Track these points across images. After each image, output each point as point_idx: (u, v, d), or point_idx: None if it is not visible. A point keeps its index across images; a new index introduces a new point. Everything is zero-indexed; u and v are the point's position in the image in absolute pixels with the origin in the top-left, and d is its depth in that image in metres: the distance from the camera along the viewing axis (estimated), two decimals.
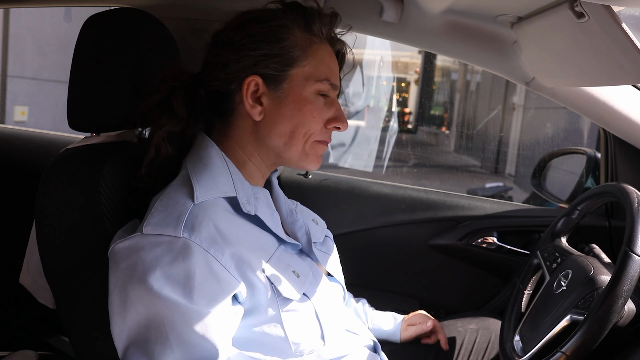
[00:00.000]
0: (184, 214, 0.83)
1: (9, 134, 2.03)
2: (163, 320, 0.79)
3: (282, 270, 0.91)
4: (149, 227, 0.83)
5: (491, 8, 1.17)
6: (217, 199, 0.89)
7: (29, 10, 5.49)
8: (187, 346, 0.79)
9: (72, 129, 1.02)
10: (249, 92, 0.94)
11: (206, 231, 0.83)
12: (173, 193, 0.88)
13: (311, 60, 0.96)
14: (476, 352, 1.31)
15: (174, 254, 0.80)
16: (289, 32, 0.95)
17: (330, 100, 0.99)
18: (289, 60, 0.94)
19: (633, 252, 0.95)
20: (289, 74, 0.95)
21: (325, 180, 1.76)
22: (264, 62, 0.93)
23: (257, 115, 0.95)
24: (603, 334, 0.94)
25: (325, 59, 0.98)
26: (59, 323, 0.97)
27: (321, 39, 0.98)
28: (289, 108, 0.94)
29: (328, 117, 0.98)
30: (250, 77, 0.94)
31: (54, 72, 5.72)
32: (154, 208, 0.86)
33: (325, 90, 0.97)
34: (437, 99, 8.75)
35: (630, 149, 1.47)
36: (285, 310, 0.89)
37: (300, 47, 0.95)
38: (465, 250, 1.62)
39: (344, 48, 1.06)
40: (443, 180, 6.06)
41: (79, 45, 1.00)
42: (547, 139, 5.88)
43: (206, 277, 0.81)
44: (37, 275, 1.05)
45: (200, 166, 0.92)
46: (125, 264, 0.82)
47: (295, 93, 0.95)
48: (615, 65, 0.92)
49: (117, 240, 0.86)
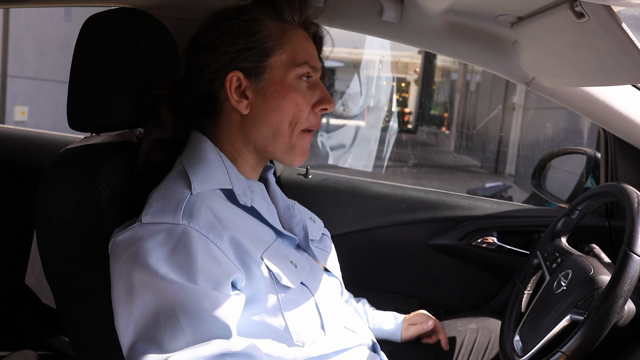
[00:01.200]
0: (182, 202, 0.85)
1: (9, 134, 2.03)
2: (172, 304, 0.79)
3: (280, 260, 0.92)
4: (147, 216, 0.84)
5: (491, 8, 1.17)
6: (214, 190, 0.91)
7: (29, 10, 5.49)
8: (199, 326, 0.79)
9: (72, 129, 1.02)
10: (232, 88, 0.97)
11: (204, 218, 0.85)
12: (170, 184, 0.90)
13: (287, 47, 0.98)
14: (476, 352, 1.31)
15: (175, 240, 0.82)
16: (260, 23, 0.97)
17: (314, 83, 1.01)
18: (265, 51, 0.96)
19: (633, 252, 0.95)
20: (268, 63, 0.97)
21: (325, 180, 1.76)
22: (241, 57, 0.96)
23: (244, 108, 0.97)
24: (603, 334, 0.94)
25: (301, 43, 1.00)
26: (59, 323, 0.97)
27: (294, 25, 1.01)
28: (273, 97, 0.97)
29: (314, 101, 1.00)
30: (231, 73, 0.96)
31: (54, 72, 5.72)
32: (152, 198, 0.88)
33: (306, 73, 0.99)
34: (437, 99, 8.75)
35: (630, 149, 1.47)
36: (285, 299, 0.90)
37: (274, 36, 0.97)
38: (465, 250, 1.62)
39: (319, 30, 1.08)
40: (443, 180, 6.06)
41: (79, 45, 1.00)
42: (547, 139, 5.87)
43: (207, 261, 0.82)
44: (40, 275, 1.05)
45: (196, 160, 0.94)
46: (127, 254, 0.83)
47: (278, 81, 0.97)
48: (615, 65, 0.92)
49: (116, 233, 0.87)
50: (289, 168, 1.81)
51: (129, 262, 0.82)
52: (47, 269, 0.96)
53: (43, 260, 0.96)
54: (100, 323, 0.91)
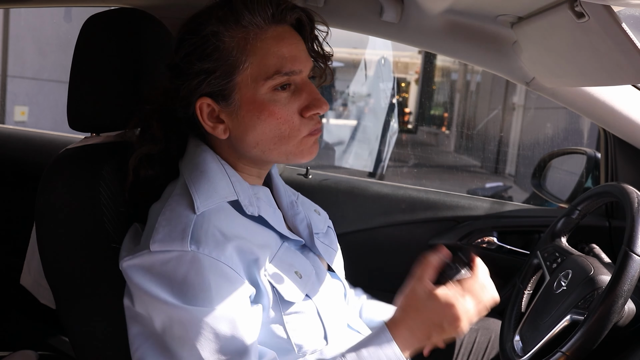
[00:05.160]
0: (188, 227, 0.82)
1: (9, 134, 2.02)
2: (186, 326, 0.78)
3: (285, 271, 0.90)
4: (155, 244, 0.81)
5: (491, 8, 1.17)
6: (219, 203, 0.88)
7: (29, 10, 5.48)
8: (221, 349, 0.79)
9: (72, 129, 1.02)
10: (204, 115, 0.89)
11: (213, 240, 0.82)
12: (175, 205, 0.86)
13: (253, 59, 0.86)
14: (476, 352, 1.31)
15: (185, 267, 0.80)
16: (219, 38, 0.85)
17: (298, 86, 0.89)
18: (228, 70, 0.86)
19: (633, 252, 0.95)
20: (234, 83, 0.87)
21: (325, 180, 1.76)
22: (205, 81, 0.86)
23: (222, 133, 0.89)
24: (603, 334, 0.94)
25: (270, 48, 0.86)
26: (59, 323, 0.97)
27: (259, 27, 0.87)
28: (247, 117, 0.87)
29: (300, 107, 0.89)
30: (199, 100, 0.88)
31: (54, 72, 5.71)
32: (158, 223, 0.83)
33: (281, 83, 0.87)
34: (437, 99, 8.75)
35: (630, 149, 1.47)
36: (288, 312, 0.89)
37: (237, 48, 0.86)
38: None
39: (301, 15, 0.92)
40: (443, 180, 6.05)
41: (79, 45, 1.00)
42: (547, 139, 5.87)
43: (222, 283, 0.81)
44: (38, 275, 1.05)
45: (197, 174, 0.89)
46: (137, 281, 0.81)
47: (248, 100, 0.87)
48: (615, 65, 0.92)
49: (125, 257, 0.84)
50: (289, 168, 1.81)
51: (140, 292, 0.81)
52: (46, 269, 0.96)
53: (43, 260, 0.96)
54: (100, 323, 0.91)
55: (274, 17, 0.88)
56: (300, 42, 0.91)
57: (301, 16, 0.92)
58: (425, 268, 0.88)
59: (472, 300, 0.87)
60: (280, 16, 0.89)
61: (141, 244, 0.85)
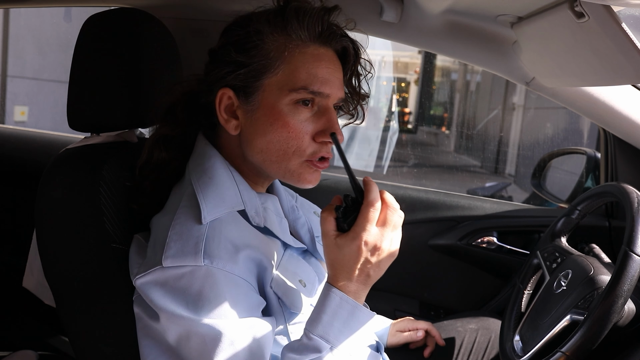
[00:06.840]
0: (201, 241, 0.81)
1: (9, 134, 2.03)
2: (204, 339, 0.78)
3: (290, 280, 0.90)
4: (168, 259, 0.80)
5: (491, 8, 1.17)
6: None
7: (29, 10, 5.49)
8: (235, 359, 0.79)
9: (72, 129, 1.03)
10: (222, 106, 0.89)
11: (225, 252, 0.82)
12: (184, 218, 0.85)
13: (285, 67, 0.87)
14: (476, 352, 1.31)
15: (200, 282, 0.79)
16: (262, 37, 0.87)
17: (319, 111, 0.89)
18: (260, 69, 0.87)
19: (633, 252, 0.95)
20: (260, 84, 0.87)
21: (325, 181, 1.76)
22: (233, 73, 0.87)
23: (233, 129, 0.90)
24: (603, 334, 0.94)
25: (305, 63, 0.87)
26: (59, 323, 0.97)
27: (303, 40, 0.88)
28: (261, 121, 0.87)
29: (315, 130, 0.88)
30: (222, 90, 0.88)
31: (54, 72, 5.71)
32: (169, 238, 0.82)
33: (303, 99, 0.87)
34: (437, 99, 8.75)
35: (630, 149, 1.47)
36: (292, 323, 0.90)
37: (275, 53, 0.87)
38: (465, 250, 1.62)
39: (349, 45, 0.93)
40: (443, 180, 6.06)
41: (79, 45, 1.00)
42: (547, 139, 5.88)
43: (236, 296, 0.81)
44: (41, 276, 1.05)
45: (206, 179, 0.88)
46: (153, 297, 0.81)
47: (268, 105, 0.87)
48: (615, 65, 0.92)
49: (137, 274, 0.83)
50: None
51: (154, 310, 0.81)
52: (47, 269, 0.96)
53: (43, 260, 0.96)
54: (100, 323, 0.91)
55: (321, 36, 0.89)
56: (338, 70, 0.92)
57: (348, 46, 0.93)
58: (325, 222, 0.83)
59: (376, 225, 0.81)
60: (327, 38, 0.90)
61: (150, 259, 0.84)
